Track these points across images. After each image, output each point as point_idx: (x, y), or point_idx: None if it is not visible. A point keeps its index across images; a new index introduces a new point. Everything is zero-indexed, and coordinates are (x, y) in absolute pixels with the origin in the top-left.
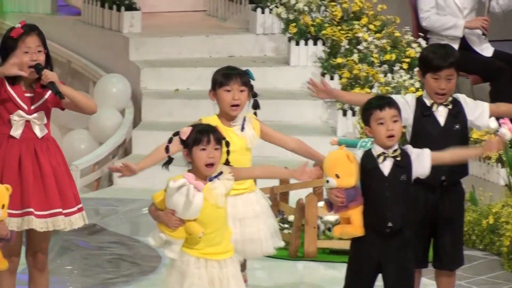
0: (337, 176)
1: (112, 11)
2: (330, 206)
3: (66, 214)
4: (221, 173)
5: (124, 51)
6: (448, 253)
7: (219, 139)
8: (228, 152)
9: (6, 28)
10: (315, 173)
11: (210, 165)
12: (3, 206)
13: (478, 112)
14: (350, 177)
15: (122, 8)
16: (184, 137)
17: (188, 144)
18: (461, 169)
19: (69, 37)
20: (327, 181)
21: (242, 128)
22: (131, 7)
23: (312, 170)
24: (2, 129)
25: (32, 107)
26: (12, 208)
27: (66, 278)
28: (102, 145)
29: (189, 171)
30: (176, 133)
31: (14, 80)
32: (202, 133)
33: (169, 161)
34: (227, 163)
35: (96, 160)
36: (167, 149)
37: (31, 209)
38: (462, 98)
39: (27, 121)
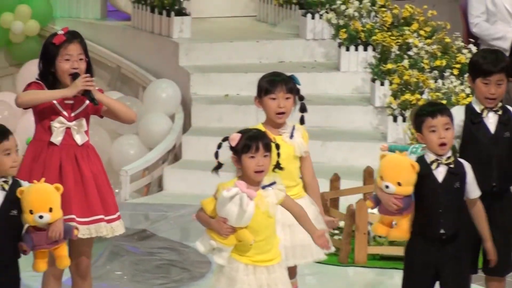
0: (399, 184)
1: (162, 16)
2: (376, 203)
3: (108, 221)
4: (274, 183)
5: (174, 56)
6: (498, 259)
7: (268, 145)
8: (278, 155)
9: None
10: (327, 245)
11: (259, 172)
12: (50, 209)
13: None
14: (411, 186)
15: (172, 13)
16: (233, 144)
17: (237, 151)
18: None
19: (118, 42)
20: (387, 187)
21: (291, 136)
22: (181, 12)
23: (325, 242)
24: (43, 136)
25: (72, 114)
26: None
27: (116, 283)
28: (151, 151)
29: (239, 177)
30: (225, 139)
31: (54, 87)
32: (251, 141)
33: (219, 166)
34: (278, 165)
35: (146, 166)
36: (216, 155)
37: (73, 216)
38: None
39: (68, 128)
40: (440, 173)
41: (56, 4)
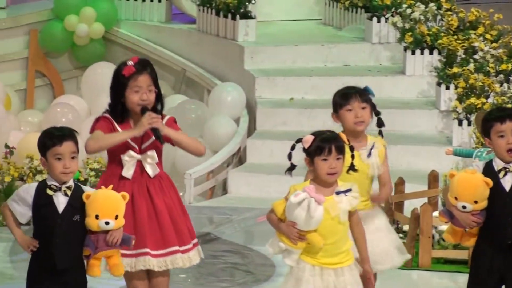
0: (475, 202)
1: (227, 20)
2: (450, 217)
3: (183, 251)
4: (350, 190)
5: (239, 59)
6: None
7: (341, 148)
8: (352, 157)
9: (121, 36)
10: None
11: (332, 174)
12: (116, 217)
13: None
14: (486, 201)
15: (237, 17)
16: (306, 146)
17: (310, 153)
18: None
19: (183, 46)
20: (464, 207)
21: (369, 154)
22: (246, 16)
23: (367, 281)
24: (114, 169)
25: (143, 147)
26: (125, 249)
27: (179, 286)
28: (216, 154)
29: (312, 180)
30: (299, 140)
31: (122, 119)
32: (324, 143)
33: (292, 168)
34: (352, 167)
35: (210, 169)
36: (289, 156)
37: (147, 250)
38: None
39: (138, 161)
40: (508, 182)
41: (120, 6)
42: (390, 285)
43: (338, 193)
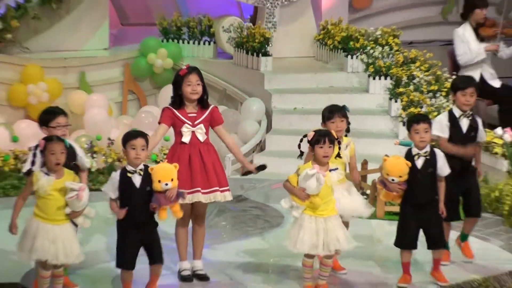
0: (400, 176)
1: (253, 57)
2: (384, 186)
3: (222, 191)
4: (336, 168)
5: (261, 83)
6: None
7: (332, 140)
8: (339, 148)
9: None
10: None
11: (325, 157)
12: (172, 180)
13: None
14: (407, 176)
15: (260, 55)
16: (309, 138)
17: (312, 143)
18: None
19: (224, 73)
20: (393, 180)
21: (345, 149)
22: (266, 54)
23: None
24: (177, 139)
25: (195, 122)
26: (184, 188)
27: (221, 230)
28: (246, 144)
29: (312, 161)
30: (305, 135)
31: (179, 106)
32: (321, 136)
33: (302, 154)
34: (338, 154)
35: (242, 154)
36: (299, 146)
37: (199, 188)
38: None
39: (193, 132)
40: (419, 163)
41: (184, 48)
42: (358, 230)
43: (330, 170)
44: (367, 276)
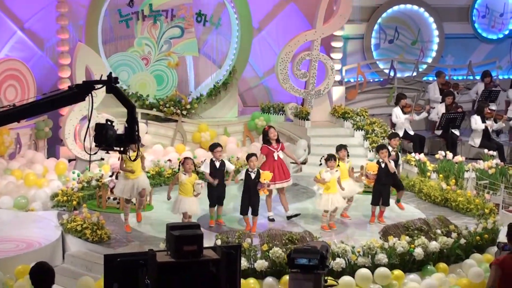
0: (373, 171)
1: (302, 120)
2: (367, 176)
3: (287, 181)
4: (337, 171)
5: (305, 132)
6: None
7: (335, 158)
8: (338, 165)
9: (267, 126)
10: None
11: (332, 166)
12: (264, 179)
13: None
14: (377, 171)
15: (305, 119)
16: (324, 158)
17: (326, 160)
18: None
19: (289, 128)
20: (370, 173)
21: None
22: (307, 119)
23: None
24: (268, 157)
25: (278, 149)
26: (274, 181)
27: (287, 198)
28: (299, 159)
29: (325, 167)
30: (322, 157)
31: (269, 144)
32: (330, 157)
33: (320, 164)
34: (338, 164)
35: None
36: (320, 163)
37: (278, 181)
38: None
39: (278, 154)
40: (382, 166)
41: (270, 117)
42: (354, 197)
43: (336, 171)
44: (355, 220)
